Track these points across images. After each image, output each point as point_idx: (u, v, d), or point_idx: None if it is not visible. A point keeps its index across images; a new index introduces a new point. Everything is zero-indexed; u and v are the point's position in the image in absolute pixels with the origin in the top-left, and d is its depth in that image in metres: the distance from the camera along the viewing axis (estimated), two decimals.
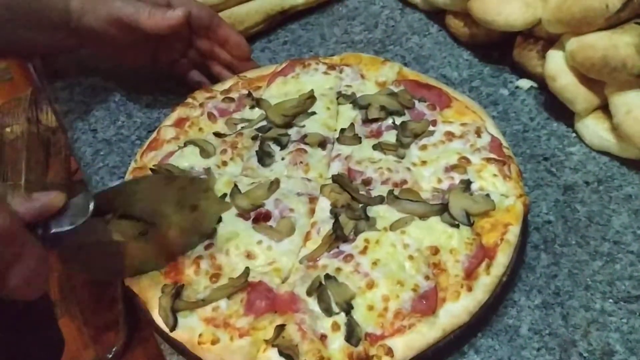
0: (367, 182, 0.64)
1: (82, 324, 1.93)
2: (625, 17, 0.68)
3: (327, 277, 0.56)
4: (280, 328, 0.53)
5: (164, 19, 0.72)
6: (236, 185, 0.64)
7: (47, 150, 1.76)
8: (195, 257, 0.59)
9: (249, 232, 0.60)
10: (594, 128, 0.72)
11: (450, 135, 0.67)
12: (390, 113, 0.70)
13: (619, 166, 0.70)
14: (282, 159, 0.67)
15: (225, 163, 0.68)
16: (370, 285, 0.55)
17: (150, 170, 0.66)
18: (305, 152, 0.67)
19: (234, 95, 0.75)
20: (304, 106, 0.71)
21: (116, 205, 0.52)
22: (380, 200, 0.62)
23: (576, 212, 0.67)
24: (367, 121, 0.70)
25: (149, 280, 0.59)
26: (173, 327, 0.55)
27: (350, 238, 0.59)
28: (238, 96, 0.75)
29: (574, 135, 0.75)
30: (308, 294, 0.55)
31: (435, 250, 0.57)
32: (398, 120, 0.69)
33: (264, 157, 0.67)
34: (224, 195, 0.63)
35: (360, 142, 0.68)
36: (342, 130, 0.69)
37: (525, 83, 0.81)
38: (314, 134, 0.69)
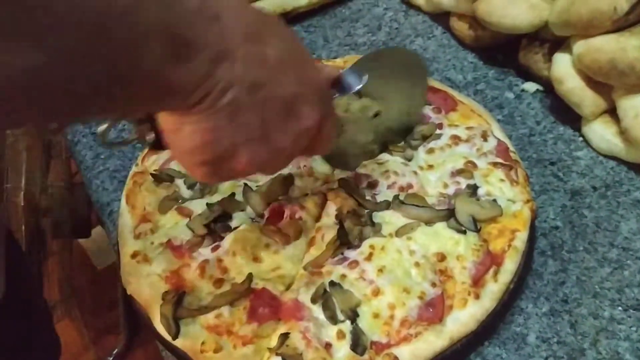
0: (372, 186, 0.63)
1: (83, 326, 1.92)
2: (634, 20, 0.67)
3: (332, 284, 0.55)
4: (285, 336, 0.52)
5: None
6: (246, 184, 0.64)
7: (47, 152, 1.75)
8: (202, 261, 0.58)
9: (258, 234, 0.60)
10: (601, 132, 0.71)
11: (456, 139, 0.67)
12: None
13: (627, 171, 0.69)
14: None
15: None
16: (375, 293, 0.54)
17: (151, 175, 0.65)
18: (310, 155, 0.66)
19: None
20: None
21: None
22: (386, 205, 0.61)
23: (584, 217, 0.66)
24: None
25: (149, 287, 0.58)
26: (175, 335, 0.54)
27: (355, 244, 0.58)
28: None
29: (580, 139, 0.74)
30: (312, 301, 0.54)
31: (441, 257, 0.56)
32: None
33: None
34: (232, 195, 0.63)
35: None
36: None
37: (530, 86, 0.80)
38: None
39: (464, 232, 0.58)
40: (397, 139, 0.67)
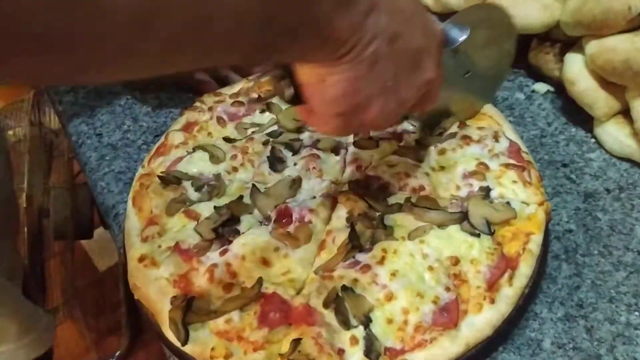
0: (383, 188, 0.62)
1: (85, 327, 1.91)
2: None
3: (344, 288, 0.54)
4: (296, 342, 0.51)
5: None
6: (255, 185, 0.63)
7: (49, 153, 1.74)
8: (210, 265, 0.57)
9: (267, 238, 0.59)
10: (615, 133, 0.70)
11: (467, 140, 0.66)
12: (405, 117, 0.68)
13: None
14: (295, 164, 0.65)
15: (235, 169, 0.66)
16: (389, 297, 0.53)
17: (158, 177, 0.64)
18: (318, 157, 0.65)
19: (244, 99, 0.73)
20: None
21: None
22: (397, 208, 0.60)
23: (597, 220, 0.65)
24: None
25: (157, 292, 0.57)
26: (185, 341, 0.53)
27: (367, 247, 0.57)
28: (248, 100, 0.73)
29: (593, 140, 0.73)
30: (324, 306, 0.53)
31: (455, 261, 0.55)
32: (416, 123, 0.67)
33: (276, 163, 0.65)
34: (240, 198, 0.62)
35: (377, 145, 0.66)
36: (356, 133, 0.68)
37: (541, 87, 0.79)
38: (326, 138, 0.67)
39: (478, 236, 0.57)
40: (482, 100, 0.69)
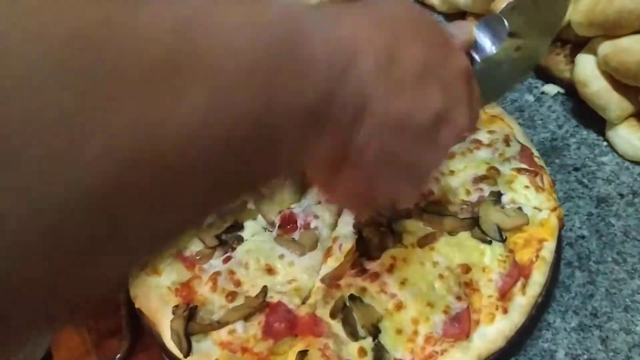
0: None
1: (85, 329, 1.90)
2: None
3: (352, 297, 0.52)
4: (302, 354, 0.49)
5: None
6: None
7: None
8: (213, 272, 0.56)
9: (271, 245, 0.57)
10: (628, 137, 0.68)
11: (477, 143, 0.64)
12: None
13: None
14: None
15: None
16: (398, 307, 0.51)
17: None
18: None
19: None
20: None
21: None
22: (406, 213, 0.58)
23: (611, 226, 0.63)
24: None
25: (158, 300, 0.55)
26: (187, 352, 0.51)
27: (375, 255, 0.55)
28: None
29: (605, 144, 0.71)
30: (331, 316, 0.52)
31: (466, 269, 0.53)
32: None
33: None
34: (244, 203, 0.60)
35: None
36: None
37: (551, 88, 0.77)
38: None
39: (489, 243, 0.55)
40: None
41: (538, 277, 0.54)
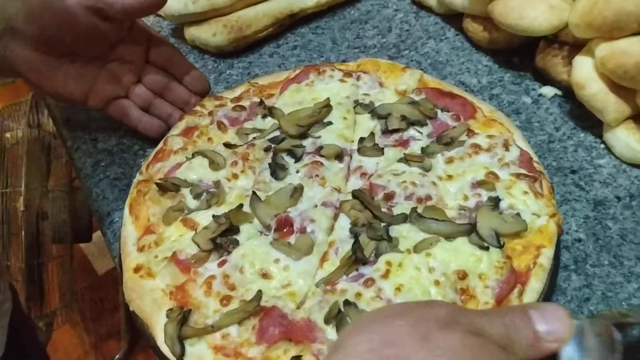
0: (389, 197, 0.60)
1: (84, 331, 1.90)
2: None
3: (347, 303, 0.52)
4: (296, 359, 0.49)
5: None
6: (255, 192, 0.61)
7: (48, 155, 1.72)
8: (208, 276, 0.55)
9: (267, 249, 0.56)
10: (625, 139, 0.68)
11: (476, 148, 0.63)
12: (411, 123, 0.66)
13: None
14: (297, 171, 0.63)
15: (235, 176, 0.64)
16: None
17: (156, 184, 0.62)
18: (321, 164, 0.63)
19: (245, 103, 0.71)
20: (320, 115, 0.67)
21: None
22: (403, 218, 0.57)
23: (608, 229, 0.63)
24: (387, 132, 0.66)
25: (152, 304, 0.55)
26: (180, 356, 0.51)
27: (371, 260, 0.54)
28: (249, 104, 0.71)
29: (602, 146, 0.70)
30: (326, 321, 0.51)
31: (463, 275, 0.53)
32: (422, 130, 0.65)
33: (277, 170, 0.63)
34: (240, 206, 0.60)
35: (382, 153, 0.64)
36: (362, 139, 0.65)
37: (549, 90, 0.77)
38: (330, 145, 0.64)
39: (487, 249, 0.54)
40: None
41: (536, 284, 0.53)
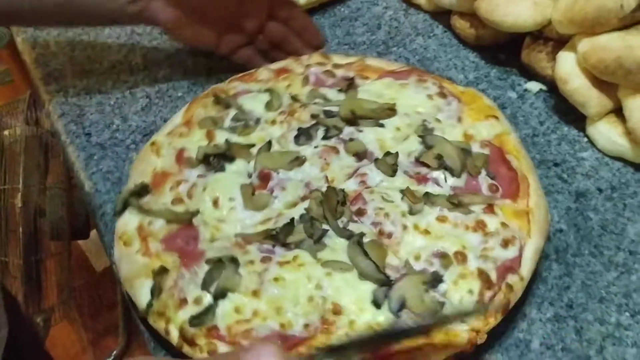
0: (359, 213, 0.58)
1: (81, 327, 1.91)
2: None
3: (232, 260, 0.55)
4: (163, 270, 0.56)
5: None
6: (270, 142, 0.65)
7: (46, 153, 1.74)
8: (184, 179, 0.63)
9: (234, 187, 0.61)
10: (607, 133, 0.69)
11: (477, 226, 0.57)
12: (444, 167, 0.61)
13: (634, 172, 0.68)
14: (316, 147, 0.64)
15: (274, 122, 0.67)
16: (255, 294, 0.53)
17: (214, 95, 0.70)
18: (337, 153, 0.63)
19: (340, 72, 0.73)
20: (378, 115, 0.66)
21: None
22: (347, 235, 0.56)
23: (589, 220, 0.64)
24: (418, 161, 0.62)
25: (136, 270, 0.58)
26: (117, 213, 0.62)
27: (290, 247, 0.56)
28: (341, 75, 0.72)
29: (585, 140, 0.72)
30: (207, 262, 0.56)
31: (337, 310, 0.52)
32: (450, 180, 0.61)
33: (301, 137, 0.65)
34: (252, 146, 0.65)
35: (393, 175, 0.61)
36: (387, 153, 0.63)
37: (534, 86, 0.78)
38: (359, 143, 0.63)
39: (379, 306, 0.52)
40: None
41: None
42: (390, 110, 0.66)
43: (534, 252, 0.56)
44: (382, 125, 0.66)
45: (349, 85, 0.70)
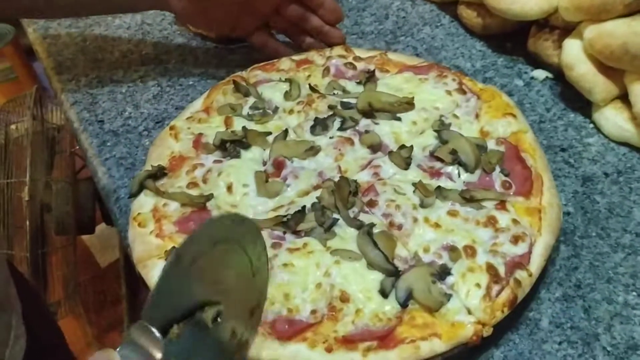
0: (371, 204, 0.59)
1: (86, 323, 1.92)
2: None
3: None
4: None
5: None
6: (287, 130, 0.66)
7: (51, 148, 1.75)
8: (200, 163, 0.64)
9: (249, 174, 0.62)
10: (613, 118, 0.70)
11: (488, 222, 0.57)
12: (458, 162, 0.62)
13: (639, 157, 0.69)
14: (331, 137, 0.65)
15: (292, 112, 0.69)
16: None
17: (233, 82, 0.71)
18: (352, 144, 0.64)
19: (361, 65, 0.74)
20: (396, 108, 0.67)
21: (171, 310, 0.40)
22: (357, 225, 0.57)
23: (596, 203, 0.65)
24: (433, 156, 0.63)
25: (149, 250, 0.59)
26: (133, 195, 0.63)
27: (300, 234, 0.57)
28: (362, 67, 0.74)
29: (591, 125, 0.73)
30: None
31: (346, 298, 0.52)
32: (463, 175, 0.61)
33: (317, 127, 0.66)
34: (268, 134, 0.66)
35: (406, 168, 0.62)
36: (402, 146, 0.63)
37: (540, 73, 0.79)
38: (374, 135, 0.65)
39: (386, 297, 0.52)
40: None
41: None
42: (408, 104, 0.67)
43: (544, 249, 0.56)
44: (398, 119, 0.66)
45: (368, 78, 0.71)
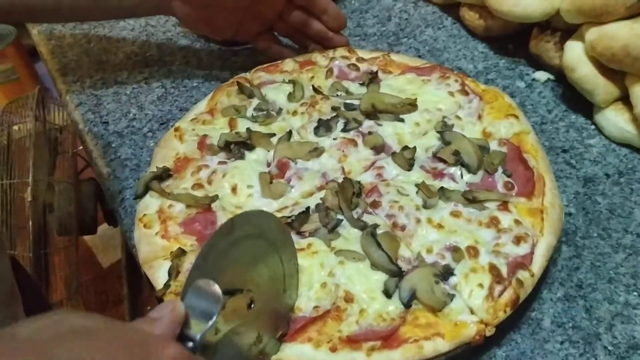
0: (374, 205, 0.60)
1: None
2: None
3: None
4: (181, 253, 0.56)
5: None
6: (291, 132, 0.67)
7: (54, 149, 1.75)
8: (205, 164, 0.64)
9: (253, 175, 0.63)
10: (614, 119, 0.71)
11: (490, 223, 0.57)
12: (461, 163, 0.62)
13: None
14: (334, 138, 0.66)
15: (295, 113, 0.69)
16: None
17: (237, 83, 0.72)
18: (355, 145, 0.65)
19: (364, 66, 0.75)
20: (399, 109, 0.67)
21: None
22: (361, 226, 0.58)
23: (597, 204, 0.66)
24: (436, 157, 0.63)
25: (154, 251, 0.59)
26: (139, 196, 0.63)
27: (304, 234, 0.58)
28: (365, 69, 0.74)
29: (592, 127, 0.73)
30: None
31: (351, 299, 0.53)
32: (466, 176, 0.62)
33: (321, 128, 0.67)
34: (272, 135, 0.66)
35: (410, 169, 0.63)
36: (405, 147, 0.64)
37: (542, 75, 0.80)
38: (377, 136, 0.65)
39: (389, 297, 0.53)
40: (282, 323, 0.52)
41: None
42: (411, 106, 0.67)
43: (546, 250, 0.56)
44: (401, 120, 0.67)
45: (371, 79, 0.72)
